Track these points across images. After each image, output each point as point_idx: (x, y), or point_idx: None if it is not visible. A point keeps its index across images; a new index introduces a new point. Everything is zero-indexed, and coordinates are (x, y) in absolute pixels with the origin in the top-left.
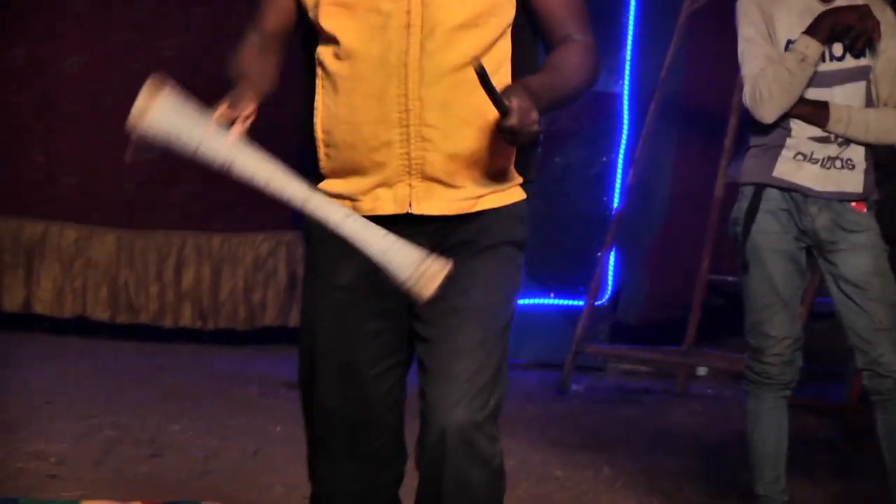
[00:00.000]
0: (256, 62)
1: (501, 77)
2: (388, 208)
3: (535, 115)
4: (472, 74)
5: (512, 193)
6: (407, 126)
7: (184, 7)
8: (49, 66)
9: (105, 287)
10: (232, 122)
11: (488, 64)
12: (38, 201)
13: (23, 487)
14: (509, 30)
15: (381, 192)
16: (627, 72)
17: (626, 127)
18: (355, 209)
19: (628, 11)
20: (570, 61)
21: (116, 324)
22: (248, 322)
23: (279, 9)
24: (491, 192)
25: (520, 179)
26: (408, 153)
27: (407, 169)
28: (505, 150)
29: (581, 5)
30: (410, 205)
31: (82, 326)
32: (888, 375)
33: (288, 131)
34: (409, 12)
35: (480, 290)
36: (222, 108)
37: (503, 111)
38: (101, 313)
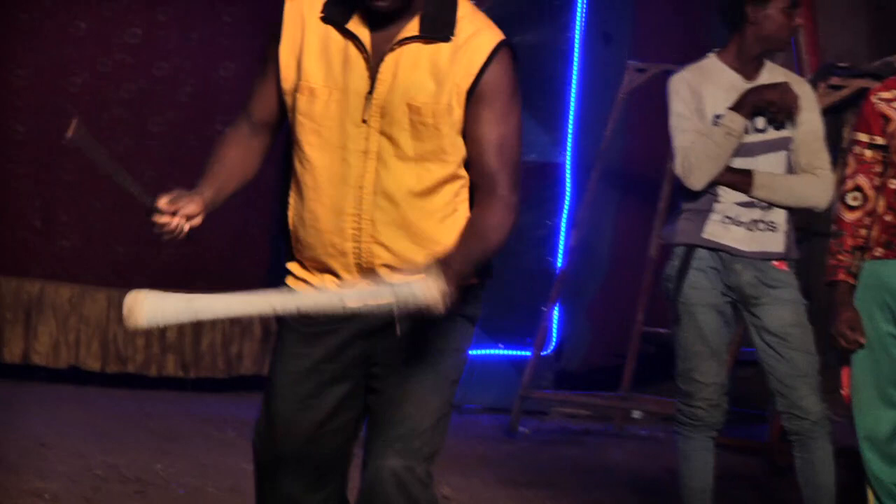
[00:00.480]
0: (236, 151)
1: (457, 207)
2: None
3: (452, 297)
4: (423, 202)
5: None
6: (359, 242)
7: (173, 86)
8: (47, 138)
9: (96, 340)
10: (172, 214)
11: (443, 197)
12: (36, 262)
13: None
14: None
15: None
16: (570, 143)
17: (568, 193)
18: None
19: (570, 88)
20: (490, 223)
21: (107, 373)
22: (226, 371)
23: (266, 101)
24: None
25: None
26: (360, 264)
27: (360, 276)
28: None
29: (514, 158)
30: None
31: (76, 376)
32: (805, 417)
33: None
34: (367, 139)
35: (427, 353)
36: (165, 200)
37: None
38: (92, 364)
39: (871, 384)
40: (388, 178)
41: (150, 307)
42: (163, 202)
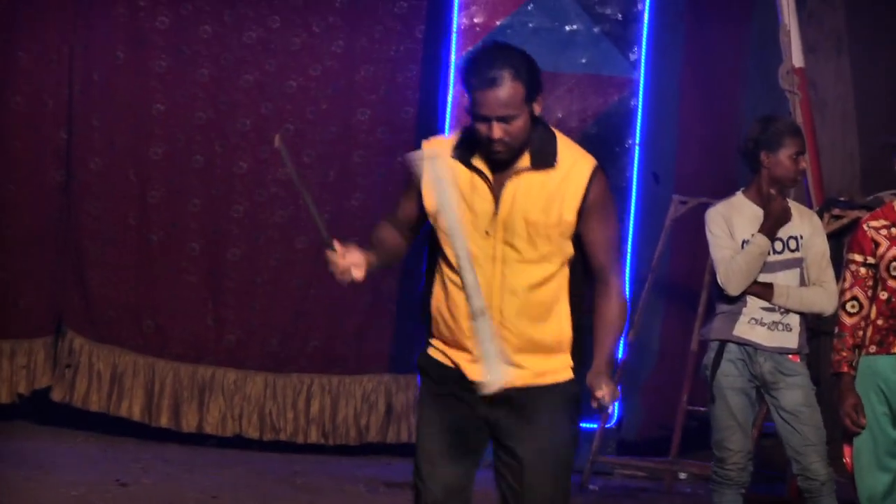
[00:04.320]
0: (390, 235)
1: (560, 294)
2: (475, 377)
3: (617, 393)
4: (537, 293)
5: (563, 375)
6: None
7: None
8: (217, 255)
9: (255, 414)
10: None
11: (551, 288)
12: (208, 352)
13: None
14: (568, 262)
15: (472, 366)
16: (628, 261)
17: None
18: (454, 371)
19: (629, 217)
20: (613, 315)
21: (263, 440)
22: (357, 438)
23: (408, 208)
24: (548, 373)
25: (570, 364)
26: None
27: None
28: (559, 346)
29: (614, 244)
30: None
31: (240, 442)
32: (815, 479)
33: None
34: (494, 247)
35: (546, 431)
36: (339, 244)
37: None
38: (252, 433)
39: (870, 453)
40: (511, 276)
41: (495, 378)
42: (337, 244)
